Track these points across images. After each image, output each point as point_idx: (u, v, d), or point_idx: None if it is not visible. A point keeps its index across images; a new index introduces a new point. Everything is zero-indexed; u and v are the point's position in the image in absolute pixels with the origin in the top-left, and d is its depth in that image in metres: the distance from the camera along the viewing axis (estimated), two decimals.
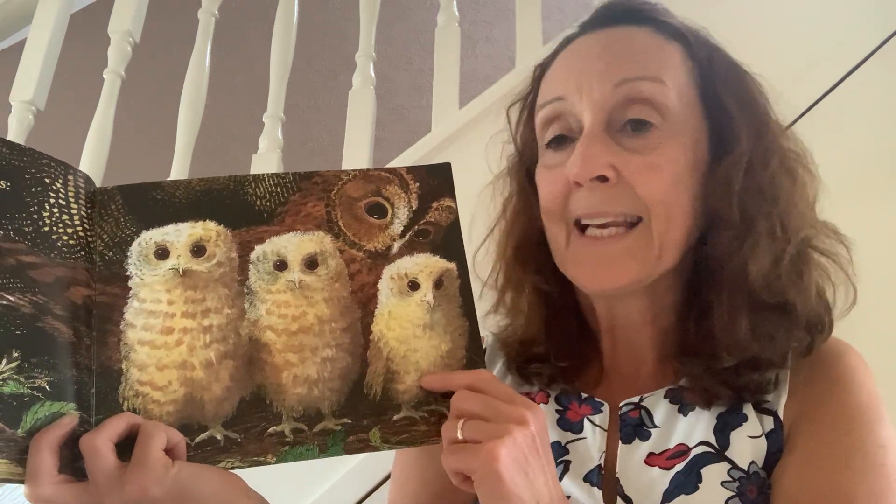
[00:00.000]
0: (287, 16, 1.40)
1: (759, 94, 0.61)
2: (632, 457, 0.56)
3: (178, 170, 1.28)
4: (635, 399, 0.59)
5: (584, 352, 0.64)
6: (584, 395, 0.62)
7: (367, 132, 1.28)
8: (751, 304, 0.55)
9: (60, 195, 0.48)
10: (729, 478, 0.53)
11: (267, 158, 1.29)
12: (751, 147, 0.57)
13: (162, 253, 0.50)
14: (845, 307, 0.59)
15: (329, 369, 0.50)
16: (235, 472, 0.48)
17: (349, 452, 0.49)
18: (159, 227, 0.50)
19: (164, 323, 0.48)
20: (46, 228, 0.47)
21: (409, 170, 0.55)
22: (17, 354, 0.43)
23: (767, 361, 0.55)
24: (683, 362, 0.58)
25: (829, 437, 0.52)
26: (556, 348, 0.63)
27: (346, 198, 0.53)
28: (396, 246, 0.53)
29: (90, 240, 0.49)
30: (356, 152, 1.26)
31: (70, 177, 0.49)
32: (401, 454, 0.67)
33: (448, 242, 0.53)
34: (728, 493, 0.52)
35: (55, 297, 0.46)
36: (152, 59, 1.93)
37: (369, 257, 0.52)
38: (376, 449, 0.49)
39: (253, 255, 0.51)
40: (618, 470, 0.56)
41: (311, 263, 0.51)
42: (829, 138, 1.00)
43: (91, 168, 1.27)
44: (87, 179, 0.50)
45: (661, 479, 0.54)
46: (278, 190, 0.52)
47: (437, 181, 0.55)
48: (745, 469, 0.53)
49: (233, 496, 0.47)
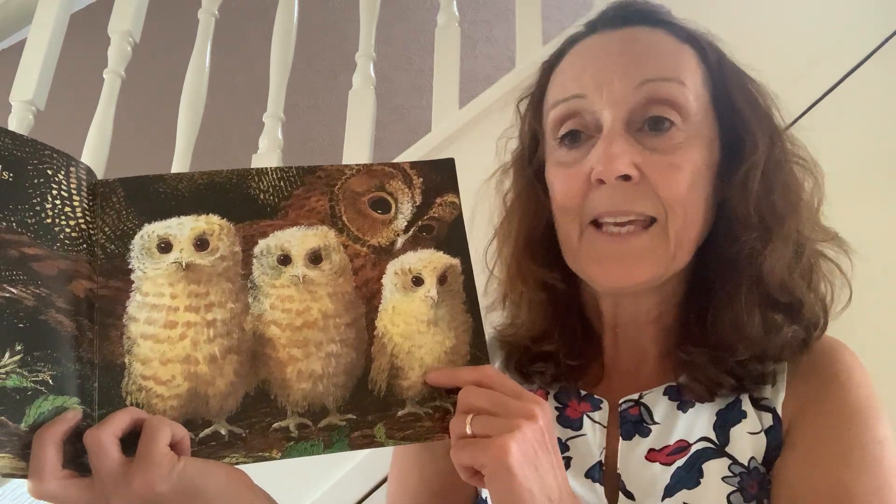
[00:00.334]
0: (287, 16, 1.39)
1: (768, 99, 0.61)
2: (632, 453, 0.56)
3: (179, 170, 1.28)
4: (635, 396, 0.59)
5: (587, 350, 0.64)
6: (583, 392, 0.62)
7: (367, 132, 1.28)
8: (763, 302, 0.56)
9: (63, 187, 0.48)
10: (730, 473, 0.53)
11: (267, 158, 1.29)
12: (766, 152, 0.57)
13: (165, 246, 0.49)
14: (840, 307, 0.60)
15: (334, 365, 0.49)
16: (240, 467, 0.48)
17: (354, 448, 0.49)
18: (162, 220, 0.50)
19: (168, 317, 0.48)
20: (49, 220, 0.46)
21: (413, 165, 0.54)
22: (20, 348, 0.43)
23: (769, 354, 0.56)
24: (687, 352, 0.58)
25: (828, 433, 0.53)
26: (566, 346, 0.63)
27: (350, 192, 0.53)
28: (400, 241, 0.53)
29: (92, 232, 0.49)
30: (356, 152, 1.26)
31: (72, 168, 0.49)
32: (399, 453, 0.67)
33: (452, 238, 0.53)
34: (729, 488, 0.53)
35: (58, 290, 0.45)
36: (152, 59, 1.92)
37: (373, 252, 0.52)
38: (381, 445, 0.49)
39: (256, 250, 0.50)
40: (619, 466, 0.56)
41: (315, 258, 0.51)
42: (829, 138, 0.99)
43: (91, 168, 1.26)
44: (89, 171, 0.50)
45: (662, 474, 0.54)
46: (281, 184, 0.52)
47: (441, 177, 0.54)
48: (746, 464, 0.54)
49: (239, 492, 0.47)
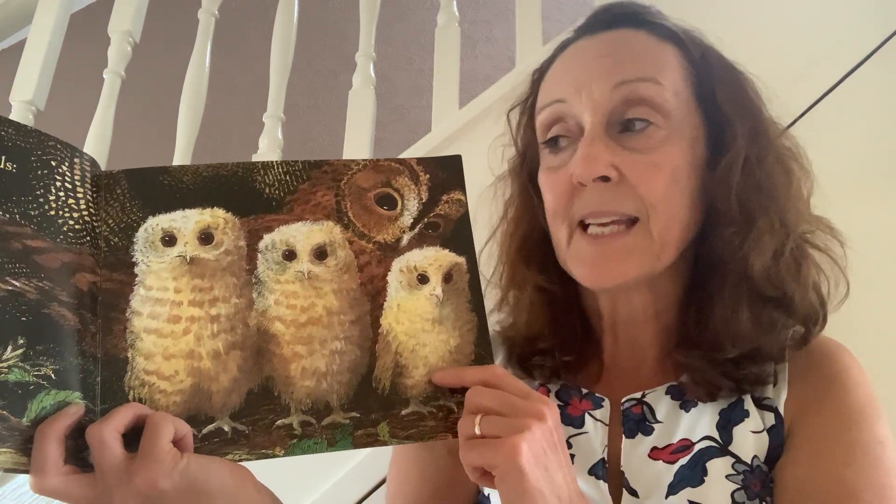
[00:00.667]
0: (287, 16, 1.39)
1: (752, 92, 0.62)
2: (635, 451, 0.57)
3: None
4: (637, 395, 0.60)
5: (585, 348, 0.65)
6: (584, 390, 0.62)
7: (367, 132, 1.28)
8: (752, 297, 0.56)
9: (66, 178, 0.47)
10: (733, 471, 0.53)
11: (267, 158, 1.28)
12: (747, 145, 0.58)
13: (169, 239, 0.49)
14: (838, 300, 0.60)
15: (338, 362, 0.49)
16: (243, 464, 0.47)
17: (357, 447, 0.48)
18: (166, 213, 0.49)
19: (171, 311, 0.47)
20: (52, 212, 0.46)
21: (420, 161, 0.54)
22: (22, 341, 0.42)
23: (766, 354, 0.56)
24: (684, 355, 0.58)
25: (830, 434, 0.53)
26: (560, 343, 0.63)
27: (356, 188, 0.52)
28: (406, 238, 0.52)
29: (95, 224, 0.48)
30: (356, 152, 1.26)
31: (76, 160, 0.48)
32: (399, 452, 0.67)
33: (458, 236, 0.53)
34: (733, 486, 0.53)
35: (61, 283, 0.45)
36: (152, 59, 1.92)
37: (379, 249, 0.52)
38: (385, 443, 0.49)
39: (261, 245, 0.50)
40: (622, 463, 0.56)
41: (321, 254, 0.50)
42: (829, 138, 1.00)
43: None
44: (93, 162, 0.49)
45: (666, 472, 0.55)
46: (287, 178, 0.51)
47: (448, 174, 0.54)
48: (749, 463, 0.54)
49: (243, 489, 0.46)
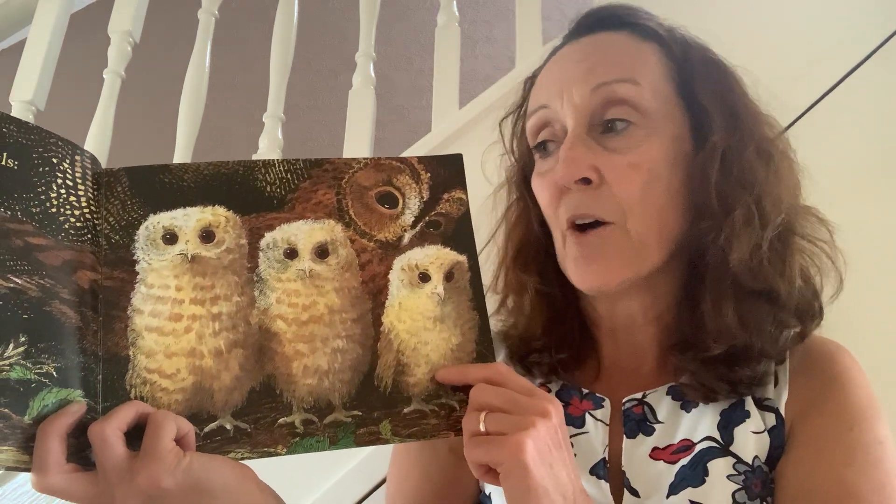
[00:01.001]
0: (287, 16, 1.39)
1: (734, 84, 0.61)
2: (636, 451, 0.57)
3: None
4: (638, 395, 0.60)
5: (582, 347, 0.65)
6: (584, 390, 0.62)
7: (367, 132, 1.28)
8: (735, 292, 0.56)
9: (68, 176, 0.47)
10: (734, 471, 0.53)
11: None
12: (725, 138, 0.58)
13: (170, 238, 0.49)
14: (833, 293, 0.59)
15: (340, 360, 0.49)
16: (245, 463, 0.47)
17: (360, 445, 0.48)
18: (167, 210, 0.49)
19: (173, 309, 0.47)
20: (54, 210, 0.46)
21: (421, 160, 0.54)
22: (24, 339, 0.42)
23: (760, 352, 0.56)
24: (679, 357, 0.58)
25: (830, 434, 0.53)
26: (555, 342, 0.63)
27: (357, 186, 0.52)
28: (407, 237, 0.52)
29: (97, 222, 0.48)
30: (356, 152, 1.26)
31: (77, 157, 0.48)
32: (399, 451, 0.67)
33: (459, 234, 0.53)
34: (734, 486, 0.53)
35: (62, 280, 0.45)
36: (152, 59, 1.92)
37: (380, 247, 0.52)
38: (387, 442, 0.49)
39: (263, 243, 0.50)
40: (623, 463, 0.56)
41: (322, 252, 0.50)
42: (829, 138, 1.00)
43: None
44: (94, 160, 0.49)
45: (667, 472, 0.55)
46: (288, 176, 0.51)
47: (449, 172, 0.54)
48: (750, 463, 0.54)
49: (245, 488, 0.46)
